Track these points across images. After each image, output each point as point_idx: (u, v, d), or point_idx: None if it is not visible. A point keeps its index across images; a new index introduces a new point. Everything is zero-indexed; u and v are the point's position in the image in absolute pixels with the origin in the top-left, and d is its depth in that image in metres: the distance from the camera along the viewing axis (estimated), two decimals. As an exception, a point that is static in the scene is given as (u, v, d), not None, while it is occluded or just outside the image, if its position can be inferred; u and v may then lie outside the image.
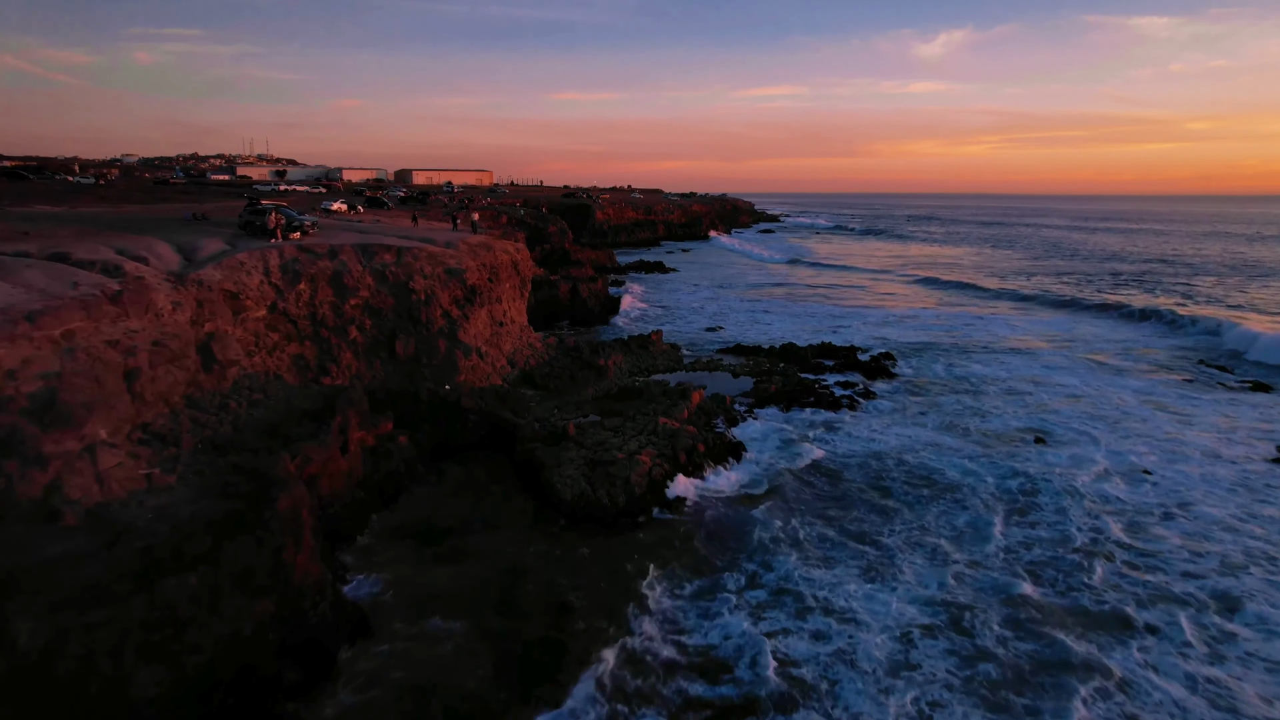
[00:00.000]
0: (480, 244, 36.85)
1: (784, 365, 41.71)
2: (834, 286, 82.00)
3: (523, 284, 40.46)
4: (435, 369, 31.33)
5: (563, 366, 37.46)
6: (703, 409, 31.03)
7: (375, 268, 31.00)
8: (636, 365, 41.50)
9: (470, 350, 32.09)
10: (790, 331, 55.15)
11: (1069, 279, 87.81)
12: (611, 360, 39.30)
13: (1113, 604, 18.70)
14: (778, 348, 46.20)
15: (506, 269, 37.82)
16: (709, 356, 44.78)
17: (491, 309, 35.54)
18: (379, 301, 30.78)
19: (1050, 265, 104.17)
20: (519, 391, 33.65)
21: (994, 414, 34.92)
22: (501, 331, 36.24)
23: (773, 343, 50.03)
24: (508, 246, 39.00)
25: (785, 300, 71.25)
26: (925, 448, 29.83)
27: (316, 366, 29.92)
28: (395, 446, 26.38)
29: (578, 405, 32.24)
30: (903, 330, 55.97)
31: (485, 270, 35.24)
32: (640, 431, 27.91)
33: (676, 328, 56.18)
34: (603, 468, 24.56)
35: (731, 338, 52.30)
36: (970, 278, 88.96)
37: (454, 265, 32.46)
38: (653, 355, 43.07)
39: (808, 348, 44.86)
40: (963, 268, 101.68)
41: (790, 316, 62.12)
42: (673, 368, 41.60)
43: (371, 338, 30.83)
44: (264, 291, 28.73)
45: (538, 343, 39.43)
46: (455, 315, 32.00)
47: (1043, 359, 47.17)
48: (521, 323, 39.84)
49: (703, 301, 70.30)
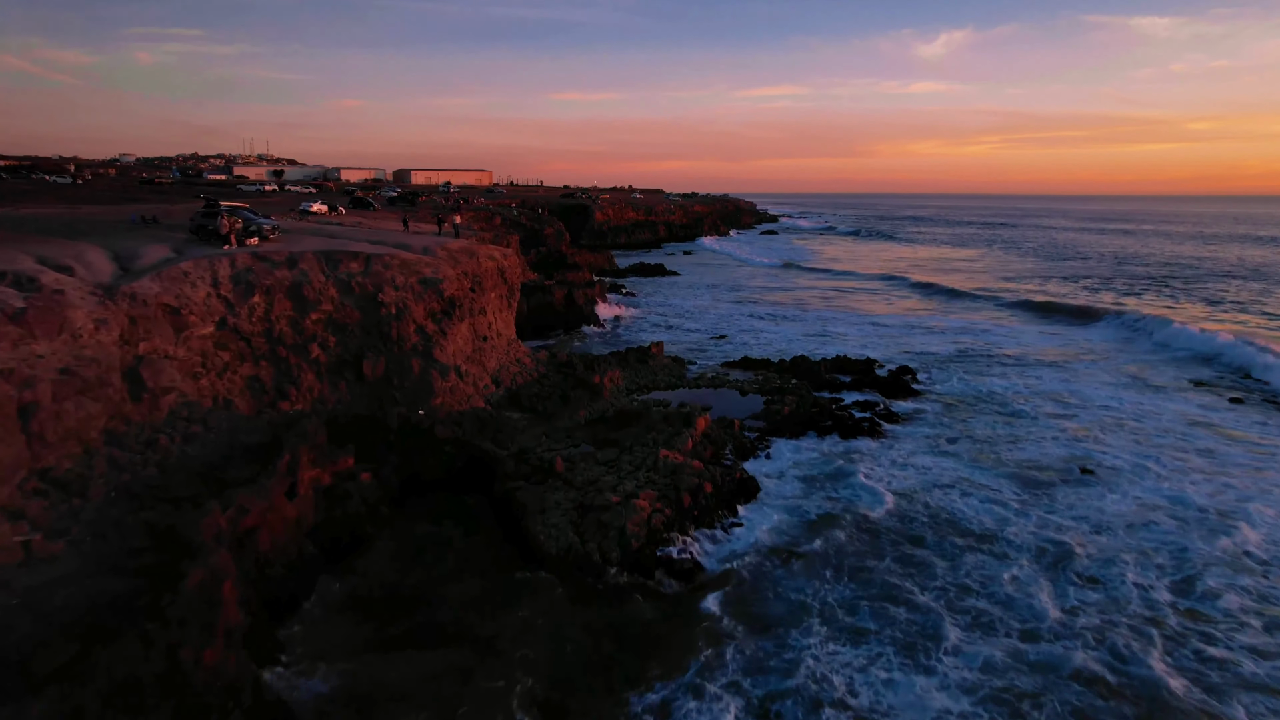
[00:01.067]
0: (462, 250, 33.40)
1: (796, 382, 38.24)
2: (843, 292, 78.44)
3: (510, 292, 37.01)
4: (408, 391, 27.89)
5: (553, 385, 34.02)
6: (709, 437, 27.58)
7: (340, 278, 27.56)
8: (635, 381, 38.07)
9: (448, 370, 28.64)
10: (799, 341, 51.69)
11: (1086, 283, 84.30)
12: (608, 377, 35.85)
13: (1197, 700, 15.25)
14: (788, 361, 42.73)
15: (491, 277, 34.38)
16: (714, 371, 41.32)
17: (474, 322, 32.10)
18: (344, 316, 27.34)
19: (1065, 269, 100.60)
20: (503, 415, 30.21)
21: (1030, 439, 31.49)
22: (485, 347, 32.79)
23: (782, 354, 46.56)
24: (493, 252, 35.55)
25: (793, 307, 67.77)
26: (959, 484, 26.38)
27: (274, 389, 26.49)
28: (356, 486, 22.95)
29: (568, 432, 28.79)
30: (918, 340, 52.51)
31: (466, 279, 31.79)
32: (638, 467, 24.46)
33: (678, 337, 52.73)
34: (594, 514, 21.12)
35: (738, 348, 48.84)
36: (984, 283, 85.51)
37: (429, 275, 29.02)
38: (653, 370, 39.63)
39: (821, 362, 41.37)
40: (974, 271, 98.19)
41: (798, 324, 58.65)
42: (675, 384, 38.15)
43: (336, 356, 27.40)
44: (211, 305, 25.31)
45: (526, 358, 35.98)
46: (431, 331, 28.55)
47: (1071, 372, 43.75)
48: (509, 336, 36.40)
49: (706, 307, 66.87)
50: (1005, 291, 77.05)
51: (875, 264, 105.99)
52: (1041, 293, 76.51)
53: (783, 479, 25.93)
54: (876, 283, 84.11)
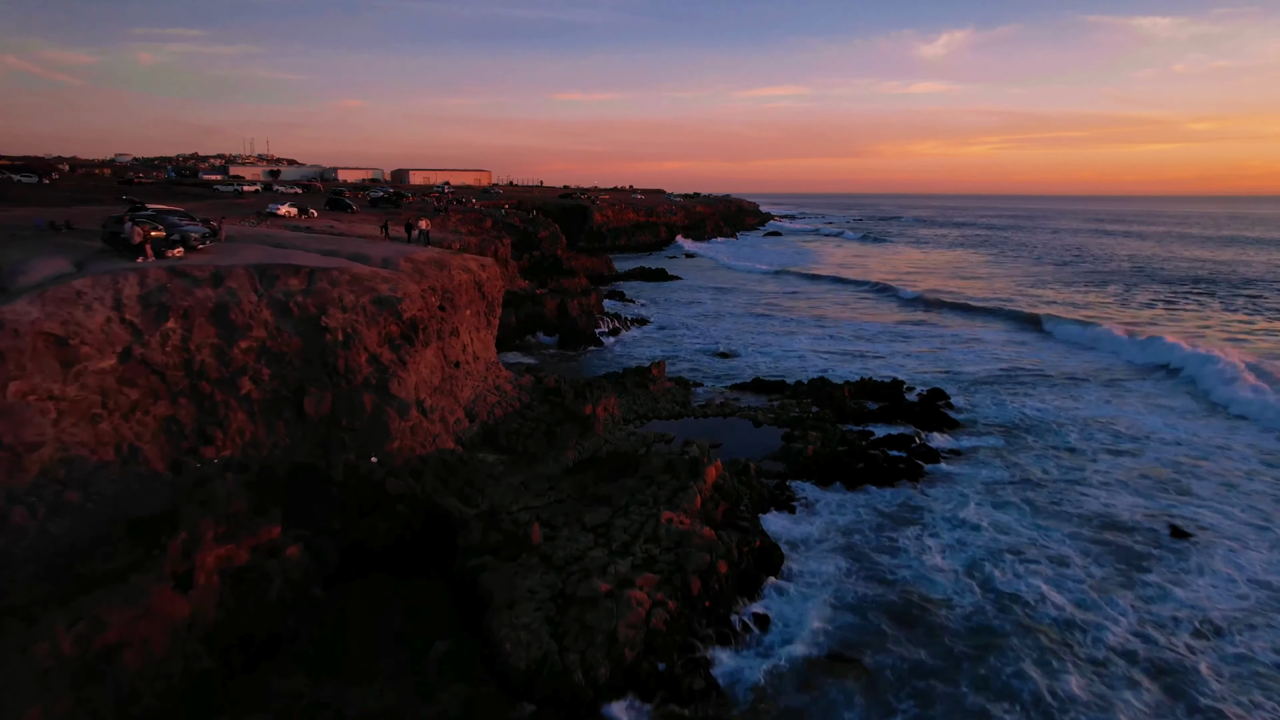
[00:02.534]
0: (431, 261, 28.65)
1: (817, 410, 33.48)
2: (859, 301, 73.24)
3: (489, 309, 32.26)
4: (358, 434, 23.13)
5: (538, 416, 29.28)
6: (721, 490, 22.80)
7: (276, 298, 22.80)
8: (634, 409, 33.33)
9: (407, 406, 23.87)
10: (814, 358, 46.91)
11: (1114, 291, 79.38)
12: (601, 406, 31.09)
13: None
14: (806, 384, 37.96)
15: (466, 292, 29.63)
16: (722, 396, 36.52)
17: (444, 346, 27.35)
18: (280, 344, 22.58)
19: (1086, 274, 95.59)
20: (476, 458, 25.46)
21: (1095, 484, 26.80)
22: (458, 374, 28.04)
23: (797, 373, 41.84)
24: (468, 263, 30.79)
25: (805, 316, 62.89)
26: (1027, 551, 21.62)
27: (194, 433, 21.75)
28: (279, 565, 18.20)
29: (552, 482, 24.00)
30: (945, 356, 47.73)
31: (434, 296, 27.04)
32: (635, 535, 19.70)
33: (681, 352, 47.96)
34: (578, 609, 16.36)
35: (747, 366, 44.07)
36: (1004, 291, 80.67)
37: (386, 293, 24.25)
38: (654, 396, 34.86)
39: (844, 385, 36.54)
40: (992, 277, 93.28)
41: (811, 336, 53.76)
42: (678, 412, 33.39)
43: (272, 392, 22.63)
44: (113, 333, 20.57)
45: (507, 384, 31.22)
46: (387, 360, 23.78)
47: (1116, 394, 39.05)
48: (488, 359, 31.64)
49: (711, 317, 62.06)
50: (1029, 301, 72.19)
51: (889, 270, 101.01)
52: (1069, 303, 71.67)
53: (813, 547, 21.12)
54: (892, 291, 79.05)
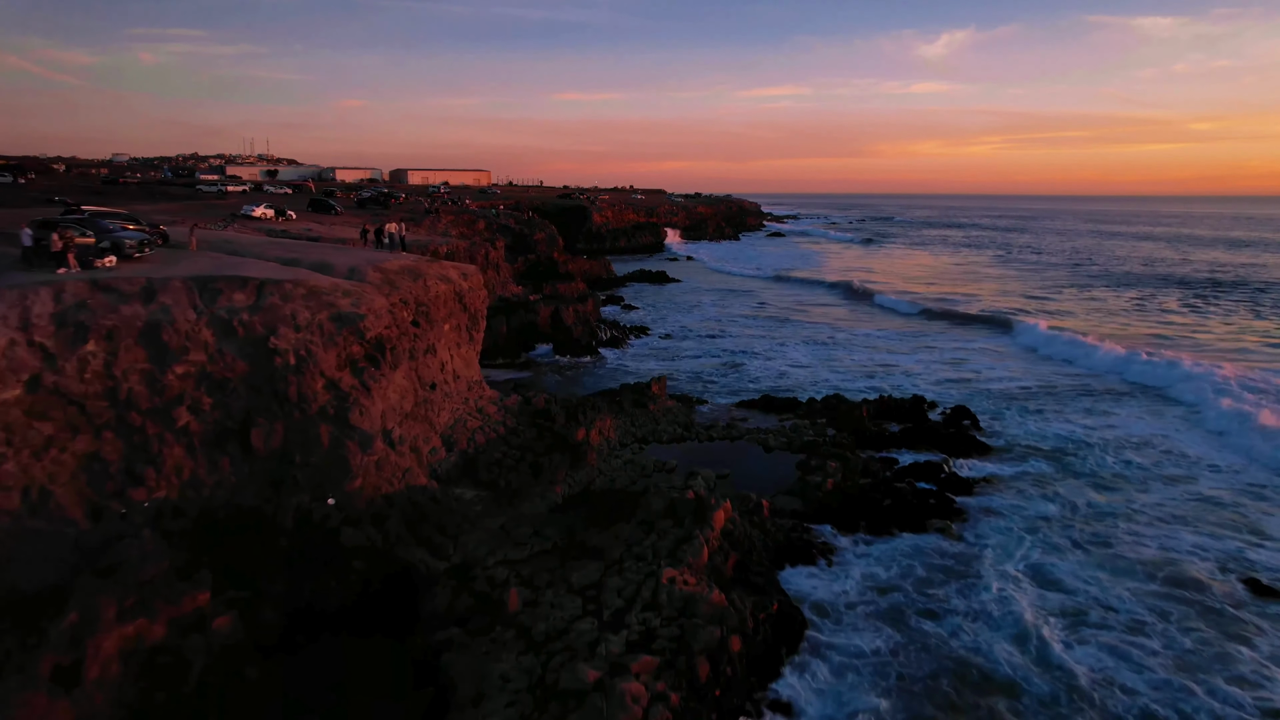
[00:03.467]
0: (404, 270, 25.62)
1: (833, 432, 30.43)
2: (868, 308, 69.51)
3: (472, 322, 29.23)
4: (313, 471, 20.10)
5: (525, 444, 26.27)
6: (731, 538, 19.73)
7: (218, 315, 19.78)
8: (632, 431, 30.30)
9: (370, 439, 20.82)
10: (826, 370, 43.85)
11: (1135, 297, 76.14)
12: (595, 429, 28.11)
13: None
14: (819, 401, 34.89)
15: (444, 304, 26.62)
16: (729, 415, 33.46)
17: (417, 366, 24.31)
18: (223, 368, 19.56)
19: (1102, 276, 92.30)
20: (452, 496, 22.45)
21: (1154, 520, 23.85)
22: (434, 397, 25.01)
23: (809, 389, 38.82)
24: (448, 271, 27.76)
25: (813, 324, 59.73)
26: (1087, 613, 18.57)
27: (122, 472, 18.79)
28: (203, 642, 15.18)
29: (536, 525, 20.93)
30: (966, 368, 44.66)
31: (406, 309, 24.02)
32: (631, 599, 16.64)
33: (683, 364, 44.93)
34: (558, 706, 13.33)
35: (755, 380, 41.03)
36: (1020, 298, 77.55)
37: (347, 308, 21.21)
38: (654, 416, 31.81)
39: (862, 404, 33.46)
40: (1004, 279, 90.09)
41: (822, 347, 50.61)
42: (680, 436, 30.35)
43: (214, 424, 19.61)
44: (18, 358, 17.64)
45: (492, 405, 28.18)
46: (347, 386, 20.73)
47: (1163, 413, 36.01)
48: (470, 377, 28.61)
49: (714, 324, 58.98)
50: (1048, 308, 69.07)
51: (898, 274, 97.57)
52: (1092, 309, 68.54)
53: (842, 612, 18.03)
54: (904, 297, 75.75)
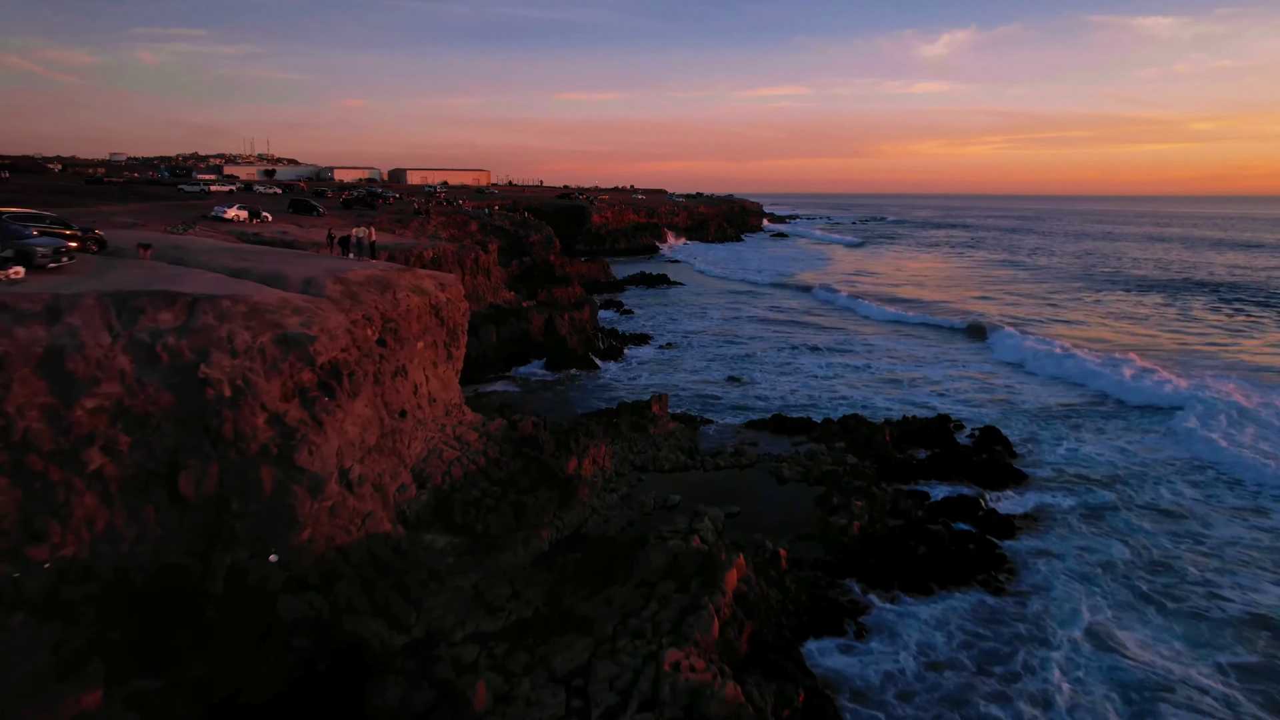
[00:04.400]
0: (370, 281, 22.53)
1: (855, 461, 27.35)
2: (881, 315, 65.12)
3: (451, 338, 26.17)
4: (253, 522, 17.04)
5: (508, 477, 23.22)
6: (745, 603, 16.67)
7: (138, 338, 16.72)
8: (629, 458, 27.26)
9: (322, 481, 17.74)
10: (841, 384, 40.77)
11: (1158, 301, 72.95)
12: (589, 459, 25.07)
13: None
14: (836, 422, 31.80)
15: (418, 320, 23.55)
16: (736, 439, 30.36)
17: (383, 392, 21.25)
18: (144, 401, 16.49)
19: (1121, 281, 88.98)
20: (420, 544, 19.41)
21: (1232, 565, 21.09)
22: (403, 427, 21.94)
23: (824, 406, 35.81)
24: (422, 282, 24.67)
25: (826, 334, 56.41)
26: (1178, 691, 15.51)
27: (18, 527, 15.73)
28: (87, 756, 12.12)
29: (516, 584, 17.86)
30: (993, 385, 41.55)
31: (370, 327, 20.95)
32: (626, 691, 13.59)
33: (687, 377, 41.84)
34: None
35: (764, 396, 37.95)
36: (1038, 305, 74.38)
37: (295, 328, 18.13)
38: (654, 441, 28.74)
39: (884, 426, 30.38)
40: (1018, 283, 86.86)
41: (835, 356, 47.48)
42: (684, 464, 27.28)
43: (134, 467, 16.56)
44: (-115, 393, 14.58)
45: (472, 431, 25.10)
46: (294, 420, 17.66)
47: (1212, 429, 32.82)
48: (448, 400, 25.54)
49: (719, 332, 55.85)
50: (1068, 315, 65.91)
51: (909, 278, 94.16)
52: (1117, 315, 65.42)
53: (888, 705, 14.91)
54: (918, 304, 72.42)
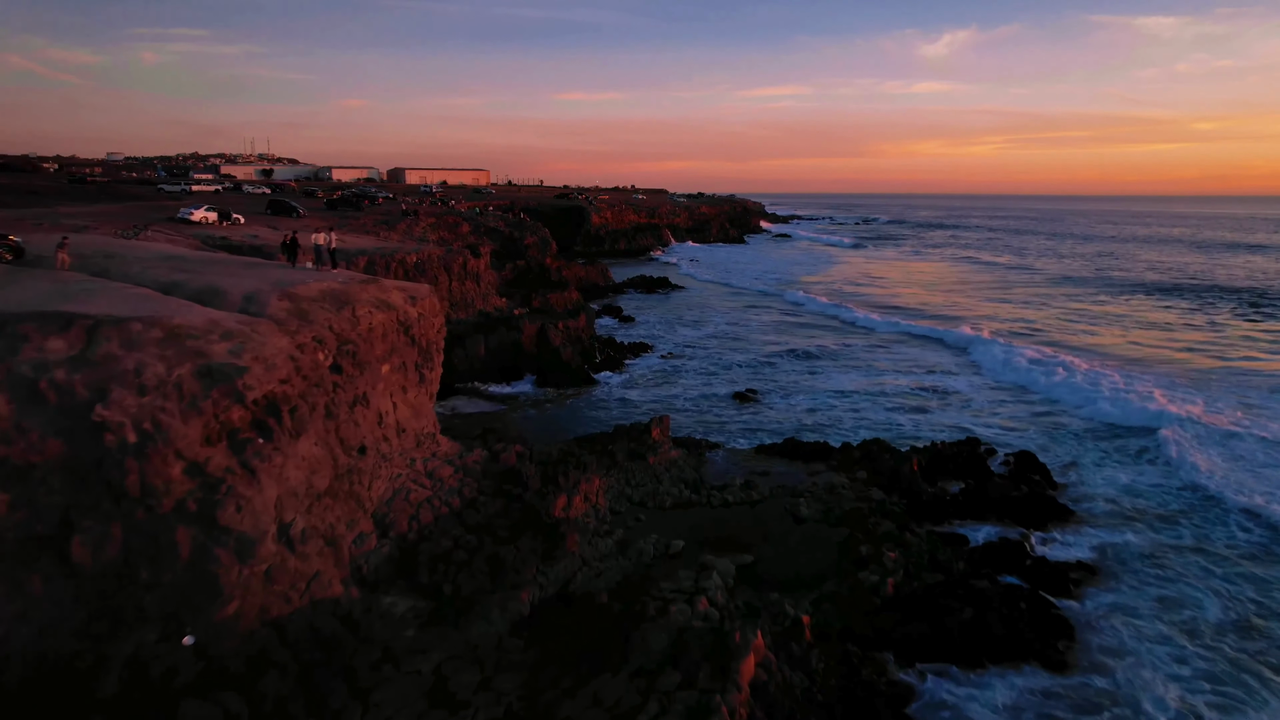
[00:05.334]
0: (326, 296, 19.45)
1: (881, 497, 24.28)
2: (896, 324, 60.12)
3: (424, 358, 23.06)
4: (164, 595, 13.99)
5: (485, 521, 20.18)
6: (764, 697, 13.58)
7: (19, 373, 13.66)
8: (626, 493, 24.21)
9: (253, 542, 14.65)
10: (860, 401, 37.72)
11: (1187, 307, 69.67)
12: (580, 496, 22.04)
13: None
14: (856, 448, 28.77)
15: (383, 339, 20.47)
16: (746, 468, 27.28)
17: (338, 425, 18.18)
18: (25, 450, 13.44)
19: (1144, 285, 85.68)
20: (377, 610, 16.36)
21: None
22: (362, 466, 18.87)
23: (842, 428, 32.87)
24: (389, 295, 21.58)
25: (837, 344, 53.11)
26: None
27: None
28: None
29: (486, 666, 14.79)
30: (1024, 401, 38.47)
31: (323, 351, 17.88)
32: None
33: (690, 394, 38.78)
34: None
35: (776, 414, 34.93)
36: (1059, 296, 71.26)
37: (221, 358, 15.05)
38: (654, 471, 25.67)
39: (911, 456, 27.27)
40: (1033, 286, 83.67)
41: (849, 375, 43.92)
42: (687, 499, 24.21)
43: (16, 530, 13.53)
44: None
45: (446, 466, 22.01)
46: (220, 469, 14.57)
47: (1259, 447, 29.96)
48: (420, 429, 22.44)
49: (725, 341, 52.76)
50: (1096, 323, 62.80)
51: (921, 284, 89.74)
52: (1141, 324, 62.33)
53: None
54: (932, 313, 68.69)
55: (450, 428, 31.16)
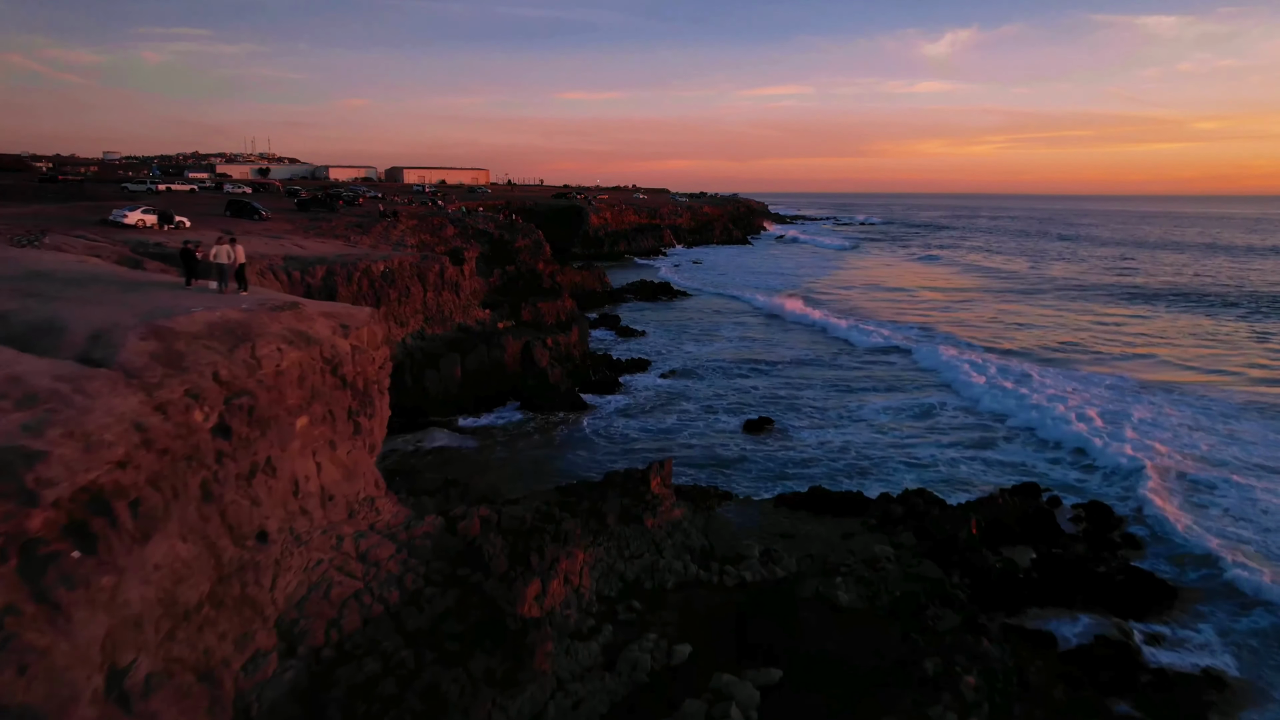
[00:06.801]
0: (214, 330, 14.57)
1: (939, 575, 19.41)
2: (930, 345, 51.53)
3: (361, 402, 18.15)
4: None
5: (429, 625, 15.36)
6: None
7: None
8: (617, 567, 19.40)
9: (60, 704, 9.82)
10: (888, 433, 32.84)
11: (1236, 315, 64.69)
12: (556, 580, 17.22)
13: None
14: (895, 499, 23.97)
15: (300, 383, 15.62)
16: (764, 530, 22.41)
17: (223, 510, 13.34)
18: None
19: (1179, 296, 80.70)
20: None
21: None
22: (261, 560, 14.01)
23: (876, 470, 28.05)
24: (312, 326, 16.71)
25: (856, 362, 47.88)
26: None
27: None
28: None
29: None
30: (1076, 428, 33.58)
31: (199, 410, 13.03)
32: None
33: (694, 424, 33.92)
34: None
35: (794, 455, 30.07)
36: (1099, 305, 66.34)
37: (3, 441, 10.23)
38: (653, 537, 20.78)
39: (968, 515, 22.35)
40: (1061, 296, 78.61)
41: (875, 399, 38.87)
42: (694, 577, 19.37)
43: None
44: None
45: (386, 545, 17.11)
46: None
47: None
48: (353, 494, 17.56)
49: (733, 357, 47.83)
50: (1143, 338, 57.87)
51: (939, 288, 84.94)
52: (1200, 332, 57.43)
53: None
54: (959, 329, 63.56)
55: (410, 469, 26.38)
